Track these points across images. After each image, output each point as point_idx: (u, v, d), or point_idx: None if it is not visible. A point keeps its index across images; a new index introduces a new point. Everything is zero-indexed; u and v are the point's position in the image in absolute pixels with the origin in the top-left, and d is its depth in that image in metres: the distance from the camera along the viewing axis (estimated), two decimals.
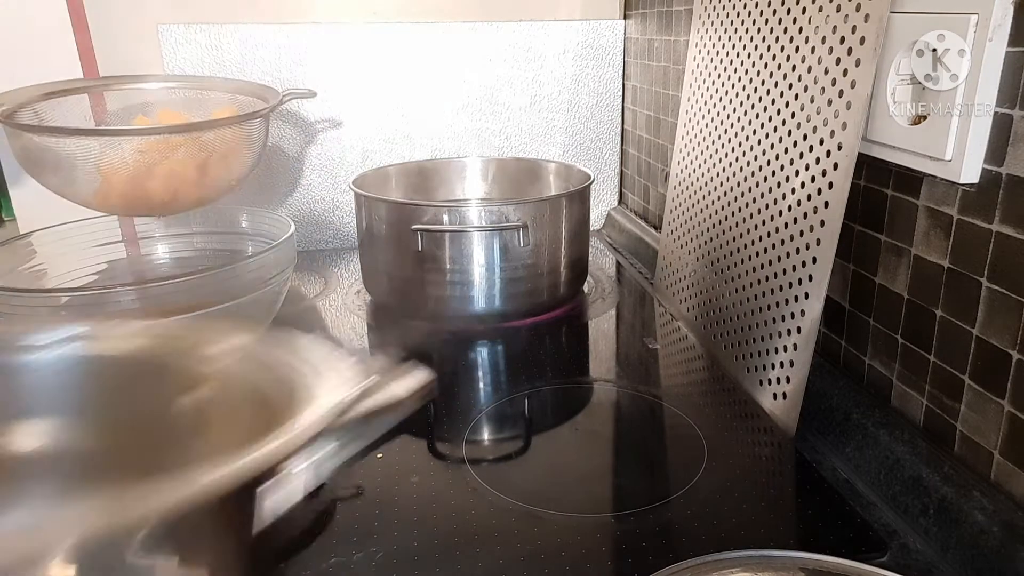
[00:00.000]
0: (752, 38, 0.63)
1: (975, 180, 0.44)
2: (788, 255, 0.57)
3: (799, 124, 0.56)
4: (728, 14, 0.67)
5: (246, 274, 0.65)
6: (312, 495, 0.50)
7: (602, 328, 0.79)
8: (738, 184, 0.64)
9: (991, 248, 0.43)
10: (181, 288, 0.62)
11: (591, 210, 0.85)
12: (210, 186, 0.71)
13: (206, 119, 0.78)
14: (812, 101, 0.54)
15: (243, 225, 0.79)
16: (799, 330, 0.55)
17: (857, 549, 0.44)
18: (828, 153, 0.52)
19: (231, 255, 0.79)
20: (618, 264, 0.96)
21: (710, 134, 0.70)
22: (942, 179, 0.46)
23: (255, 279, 0.66)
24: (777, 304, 0.58)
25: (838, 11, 0.51)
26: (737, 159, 0.65)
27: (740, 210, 0.64)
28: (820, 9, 0.53)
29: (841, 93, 0.51)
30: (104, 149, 0.65)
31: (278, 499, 0.28)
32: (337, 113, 1.00)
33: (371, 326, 0.79)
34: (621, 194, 1.12)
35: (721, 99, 0.68)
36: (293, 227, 0.71)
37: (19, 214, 0.96)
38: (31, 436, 0.37)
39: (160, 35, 0.93)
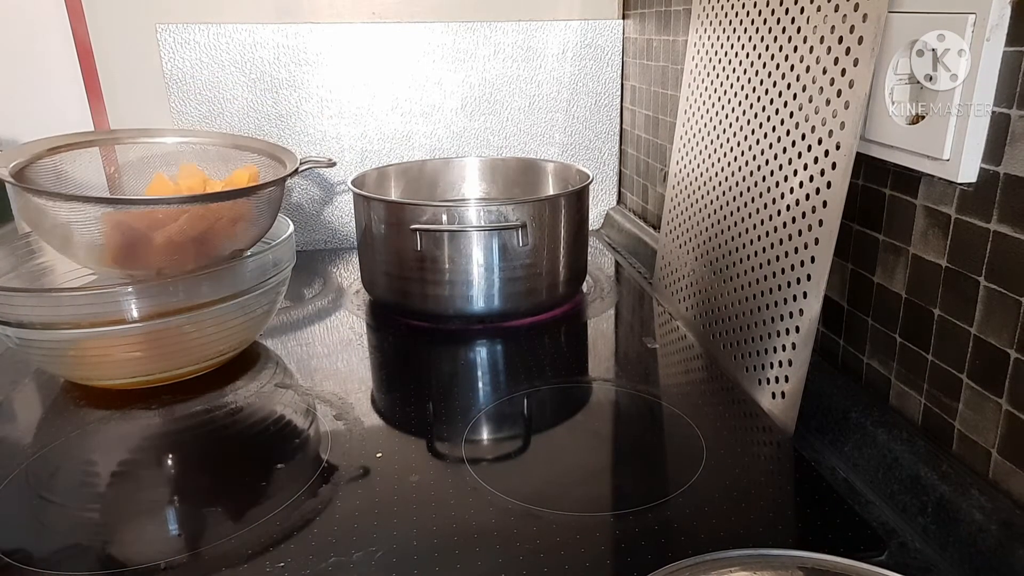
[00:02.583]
0: (751, 38, 0.63)
1: (973, 179, 0.44)
2: (787, 254, 0.57)
3: (797, 124, 0.56)
4: (727, 14, 0.67)
5: (245, 273, 0.65)
6: (311, 494, 0.50)
7: (601, 328, 0.79)
8: (737, 184, 0.64)
9: (989, 247, 0.43)
10: (180, 288, 0.62)
11: (590, 210, 0.85)
12: (213, 254, 0.67)
13: (227, 178, 0.76)
14: (810, 101, 0.54)
15: None
16: (797, 329, 0.55)
17: (855, 548, 0.44)
18: (826, 153, 0.52)
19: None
20: (617, 264, 0.96)
21: (709, 134, 0.70)
22: (940, 178, 0.46)
23: (254, 279, 0.66)
24: (776, 303, 0.58)
25: (836, 11, 0.51)
26: (736, 159, 0.65)
27: (739, 210, 0.64)
28: (818, 9, 0.53)
29: (839, 93, 0.51)
30: (104, 215, 0.62)
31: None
32: (336, 113, 1.00)
33: (370, 326, 0.79)
34: (620, 194, 1.12)
35: (720, 99, 0.68)
36: (292, 227, 0.71)
37: (19, 214, 0.96)
38: None
39: (159, 35, 0.93)
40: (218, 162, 0.79)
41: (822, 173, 0.53)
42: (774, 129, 0.59)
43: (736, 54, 0.65)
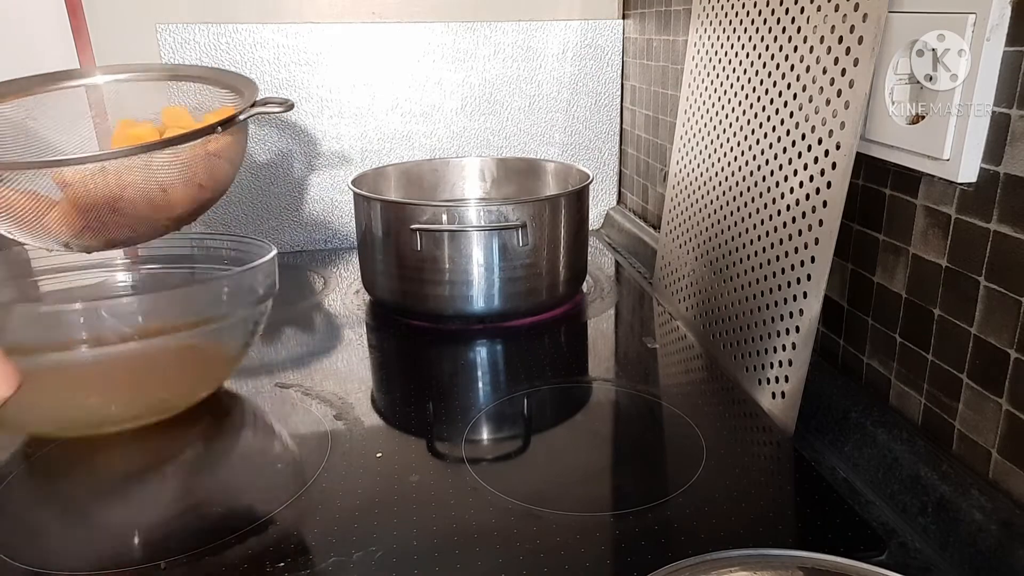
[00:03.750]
0: (751, 38, 0.63)
1: (973, 179, 0.44)
2: (787, 254, 0.57)
3: (797, 124, 0.56)
4: (727, 14, 0.67)
5: (211, 302, 0.57)
6: (311, 494, 0.50)
7: (601, 328, 0.79)
8: (737, 184, 0.64)
9: (989, 247, 0.43)
10: (157, 304, 0.56)
11: (590, 210, 0.85)
12: (139, 228, 0.57)
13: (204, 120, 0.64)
14: (810, 101, 0.54)
15: (223, 253, 0.70)
16: (798, 329, 0.55)
17: (855, 548, 0.44)
18: (826, 153, 0.52)
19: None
20: (617, 264, 0.96)
21: (709, 134, 0.70)
22: (940, 178, 0.46)
23: (233, 300, 0.58)
24: (776, 303, 0.58)
25: (836, 11, 0.51)
26: (736, 159, 0.65)
27: (739, 210, 0.64)
28: (819, 9, 0.53)
29: (839, 93, 0.51)
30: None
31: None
32: (336, 112, 1.00)
33: (370, 326, 0.79)
34: (620, 194, 1.12)
35: (720, 99, 0.68)
36: (275, 250, 0.63)
37: None
38: None
39: (159, 34, 0.93)
40: (203, 106, 0.69)
41: (822, 173, 0.53)
42: (774, 129, 0.59)
43: (736, 54, 0.65)
